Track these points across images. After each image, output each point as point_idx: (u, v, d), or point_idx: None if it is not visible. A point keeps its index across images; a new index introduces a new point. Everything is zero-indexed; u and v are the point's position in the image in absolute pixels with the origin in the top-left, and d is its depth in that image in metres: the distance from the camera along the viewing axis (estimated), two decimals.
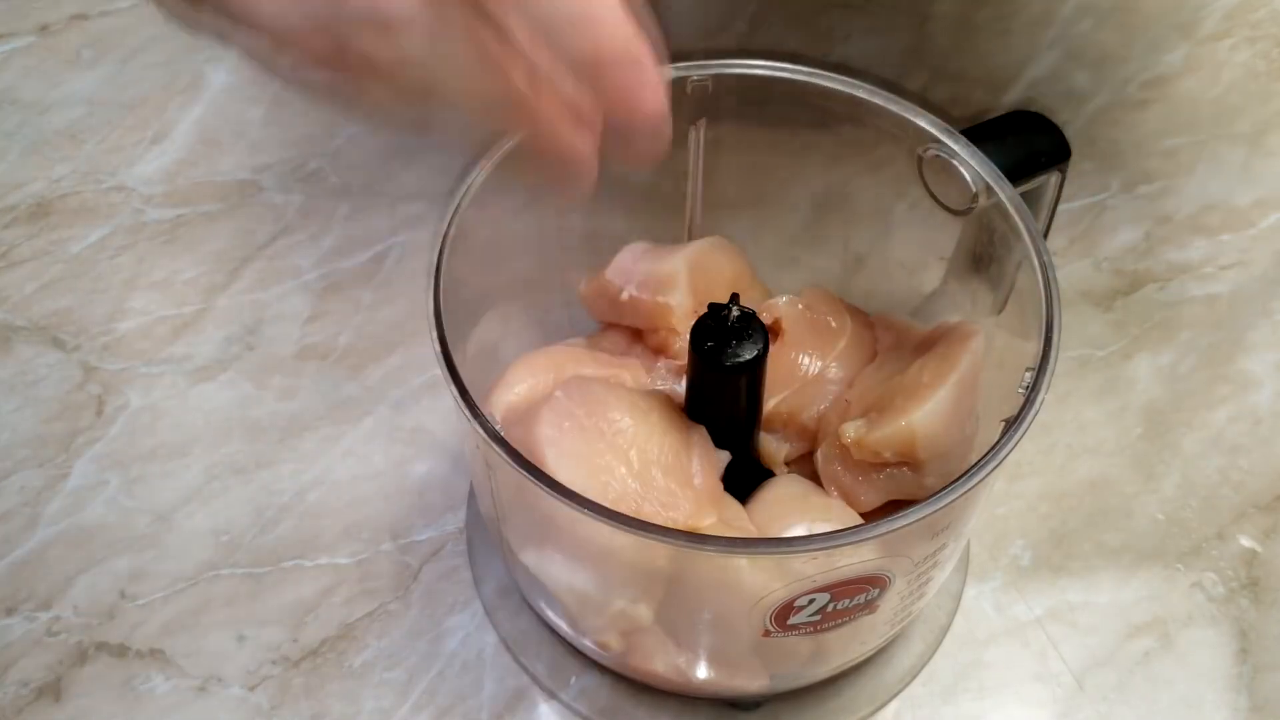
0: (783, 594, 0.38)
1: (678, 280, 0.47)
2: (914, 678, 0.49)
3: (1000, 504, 0.54)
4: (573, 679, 0.49)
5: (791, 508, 0.44)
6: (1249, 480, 0.55)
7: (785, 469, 0.48)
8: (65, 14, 0.75)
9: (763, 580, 0.38)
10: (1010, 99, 0.70)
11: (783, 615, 0.40)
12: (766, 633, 0.41)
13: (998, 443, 0.38)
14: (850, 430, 0.44)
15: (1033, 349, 0.40)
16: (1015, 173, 0.45)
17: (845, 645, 0.45)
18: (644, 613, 0.42)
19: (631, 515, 0.38)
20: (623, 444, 0.42)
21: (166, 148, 0.68)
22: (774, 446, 0.48)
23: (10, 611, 0.51)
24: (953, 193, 0.45)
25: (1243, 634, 0.51)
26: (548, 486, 0.36)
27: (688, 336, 0.43)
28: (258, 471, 0.55)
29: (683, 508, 0.41)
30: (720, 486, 0.44)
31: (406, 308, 0.61)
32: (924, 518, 0.36)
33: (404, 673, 0.49)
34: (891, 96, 0.46)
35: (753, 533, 0.43)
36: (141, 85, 0.71)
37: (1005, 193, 0.44)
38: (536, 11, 0.26)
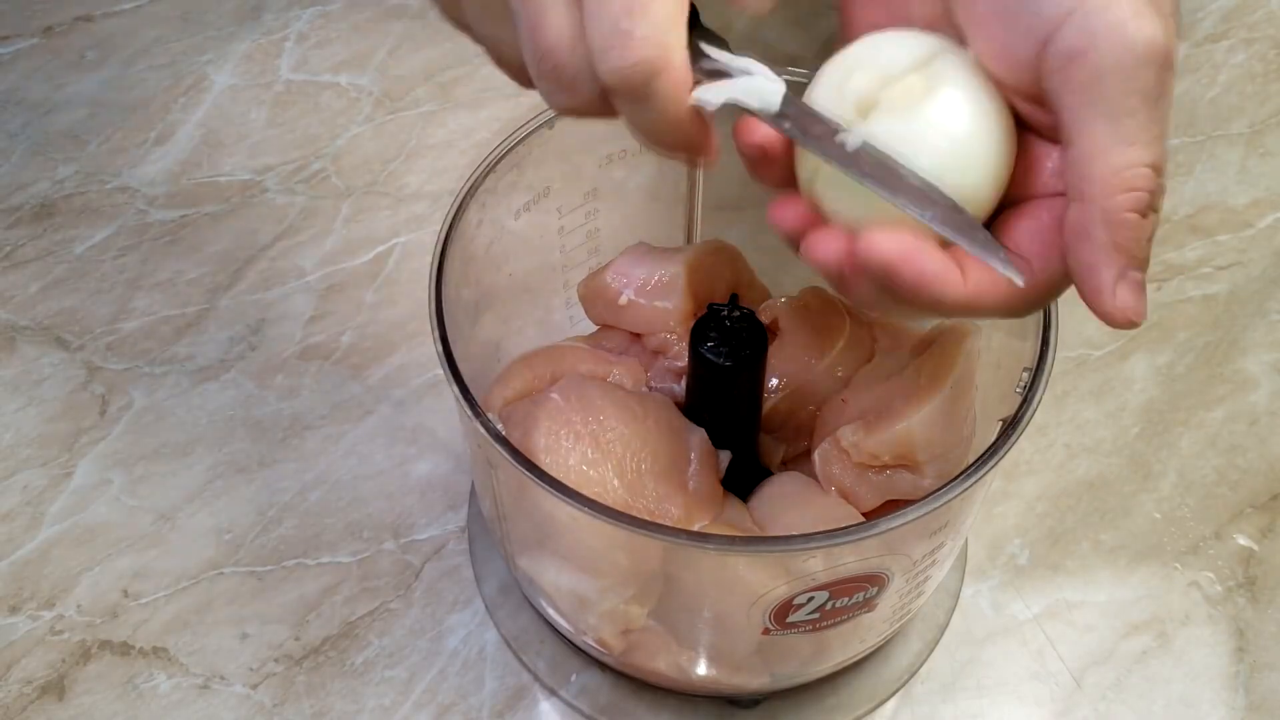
0: (782, 592, 0.39)
1: (676, 286, 0.47)
2: (912, 676, 0.50)
3: (998, 503, 0.55)
4: (573, 676, 0.49)
5: (791, 505, 0.44)
6: (1246, 479, 0.56)
7: (782, 470, 0.48)
8: (69, 15, 0.75)
9: (762, 578, 0.39)
10: None
11: (782, 613, 0.40)
12: (766, 630, 0.41)
13: (995, 442, 0.38)
14: (849, 435, 0.44)
15: (1030, 349, 0.41)
16: None
17: (844, 643, 0.46)
18: (638, 612, 0.42)
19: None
20: (617, 451, 0.42)
21: (170, 149, 0.68)
22: (770, 448, 0.48)
23: (14, 610, 0.51)
24: None
25: (1240, 632, 0.51)
26: (549, 485, 0.37)
27: (687, 337, 0.43)
28: (260, 471, 0.56)
29: (672, 514, 0.41)
30: (719, 487, 0.44)
31: (408, 308, 0.61)
32: (922, 517, 0.36)
33: (405, 670, 0.50)
34: None
35: (754, 530, 0.43)
36: (145, 86, 0.71)
37: None
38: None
